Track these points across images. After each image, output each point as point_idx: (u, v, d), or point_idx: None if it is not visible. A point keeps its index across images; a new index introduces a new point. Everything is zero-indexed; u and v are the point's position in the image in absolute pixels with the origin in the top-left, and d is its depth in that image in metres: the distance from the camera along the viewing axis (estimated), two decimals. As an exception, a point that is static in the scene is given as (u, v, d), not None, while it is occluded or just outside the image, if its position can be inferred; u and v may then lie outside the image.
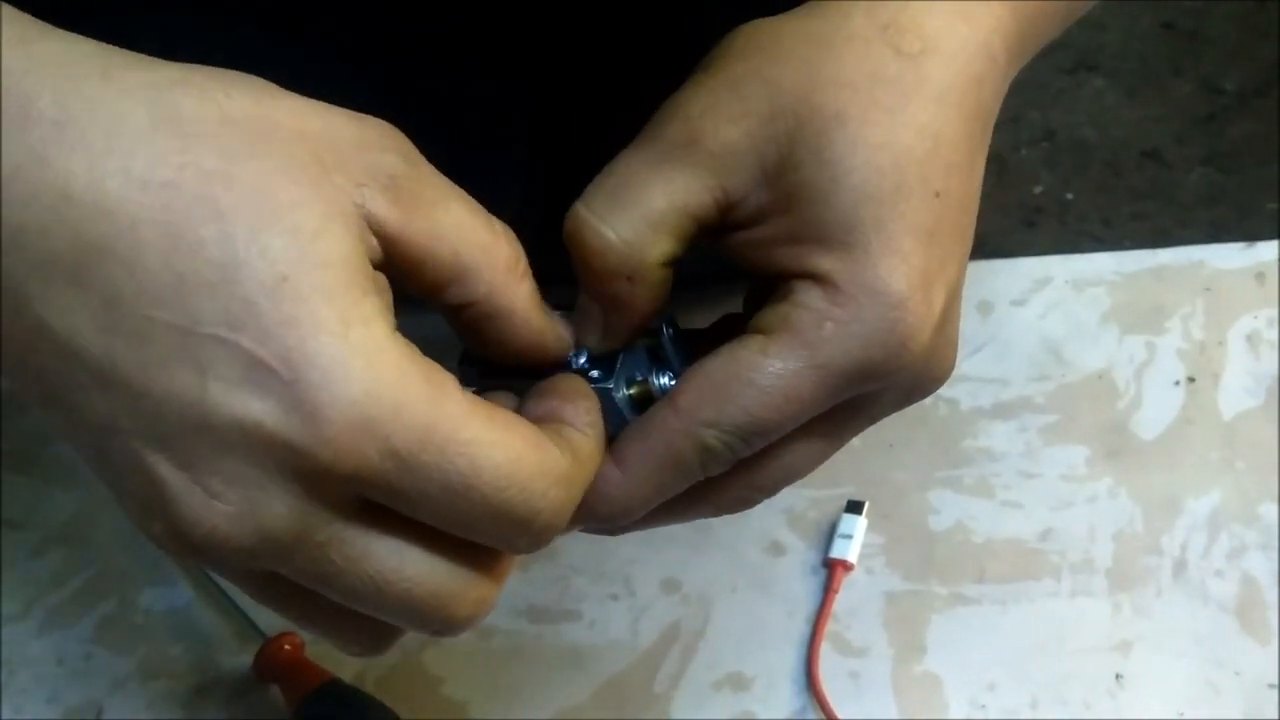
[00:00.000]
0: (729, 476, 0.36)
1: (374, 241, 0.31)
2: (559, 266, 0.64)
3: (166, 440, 0.29)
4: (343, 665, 0.55)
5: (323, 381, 0.28)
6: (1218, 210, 1.81)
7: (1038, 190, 1.85)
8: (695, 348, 0.37)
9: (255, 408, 0.28)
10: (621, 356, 0.37)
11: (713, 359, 0.35)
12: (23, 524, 0.61)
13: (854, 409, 0.36)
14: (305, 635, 0.56)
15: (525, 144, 0.54)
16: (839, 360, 0.34)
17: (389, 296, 0.31)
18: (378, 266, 0.31)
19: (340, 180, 0.30)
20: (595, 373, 0.37)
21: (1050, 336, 0.63)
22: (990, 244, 0.36)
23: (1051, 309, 0.64)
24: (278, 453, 0.29)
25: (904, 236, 0.34)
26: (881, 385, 0.35)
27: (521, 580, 0.58)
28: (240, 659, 0.56)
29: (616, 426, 0.36)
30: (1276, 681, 0.53)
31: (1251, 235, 0.67)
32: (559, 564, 0.58)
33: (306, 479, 0.29)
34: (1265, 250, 0.65)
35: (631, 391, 0.37)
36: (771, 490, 0.37)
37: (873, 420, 0.37)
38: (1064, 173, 1.87)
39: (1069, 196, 1.85)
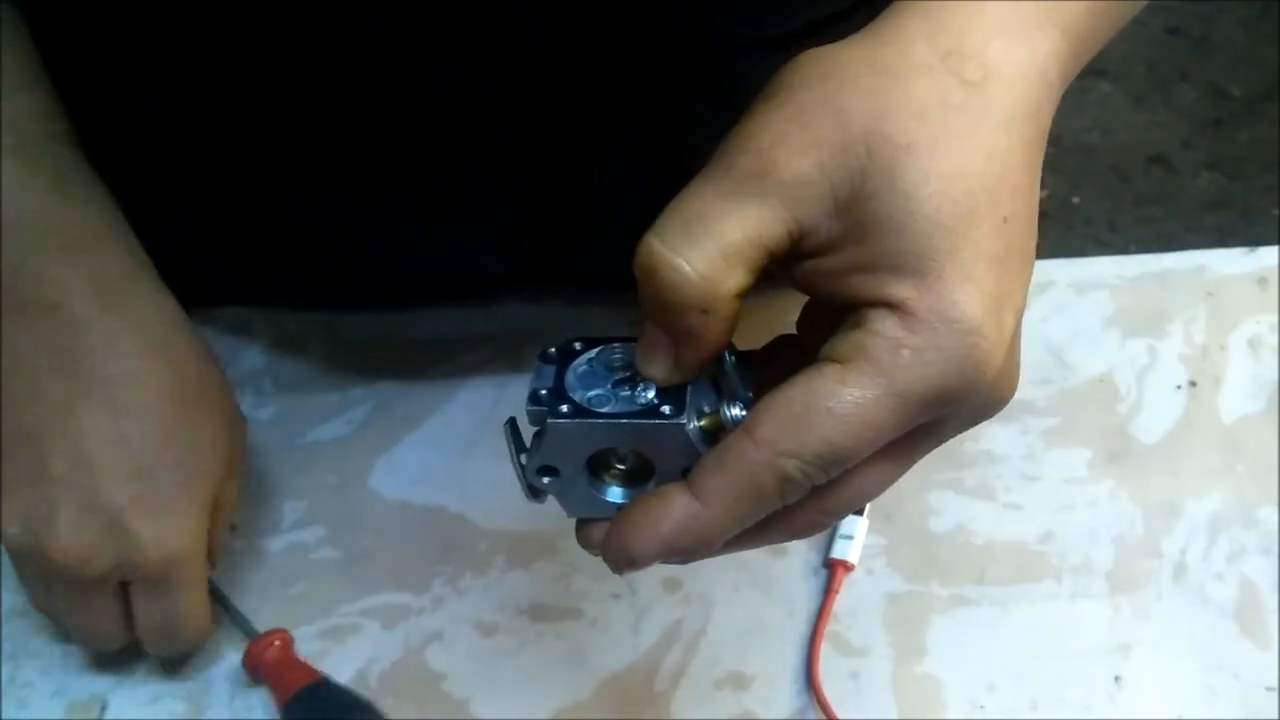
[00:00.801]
0: (802, 503, 0.36)
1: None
2: (557, 270, 0.64)
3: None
4: (341, 665, 0.55)
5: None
6: (1224, 215, 1.81)
7: (1043, 195, 1.85)
8: (753, 371, 0.37)
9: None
10: (689, 388, 0.37)
11: (789, 389, 0.35)
12: (29, 519, 0.61)
13: (924, 432, 0.36)
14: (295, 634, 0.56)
15: (526, 146, 0.55)
16: (917, 387, 0.34)
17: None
18: None
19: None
20: (665, 408, 0.37)
21: (1052, 340, 0.64)
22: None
23: (1054, 313, 0.65)
24: None
25: (976, 263, 0.34)
26: (954, 409, 0.35)
27: (524, 578, 0.58)
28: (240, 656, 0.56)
29: (689, 459, 0.37)
30: (1276, 684, 0.53)
31: (1257, 240, 0.67)
32: (561, 562, 0.58)
33: None
34: (1267, 255, 0.65)
35: (703, 424, 0.37)
36: (841, 514, 0.38)
37: (940, 442, 0.37)
38: (1070, 177, 1.87)
39: (1075, 201, 1.85)
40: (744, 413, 0.36)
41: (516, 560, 0.58)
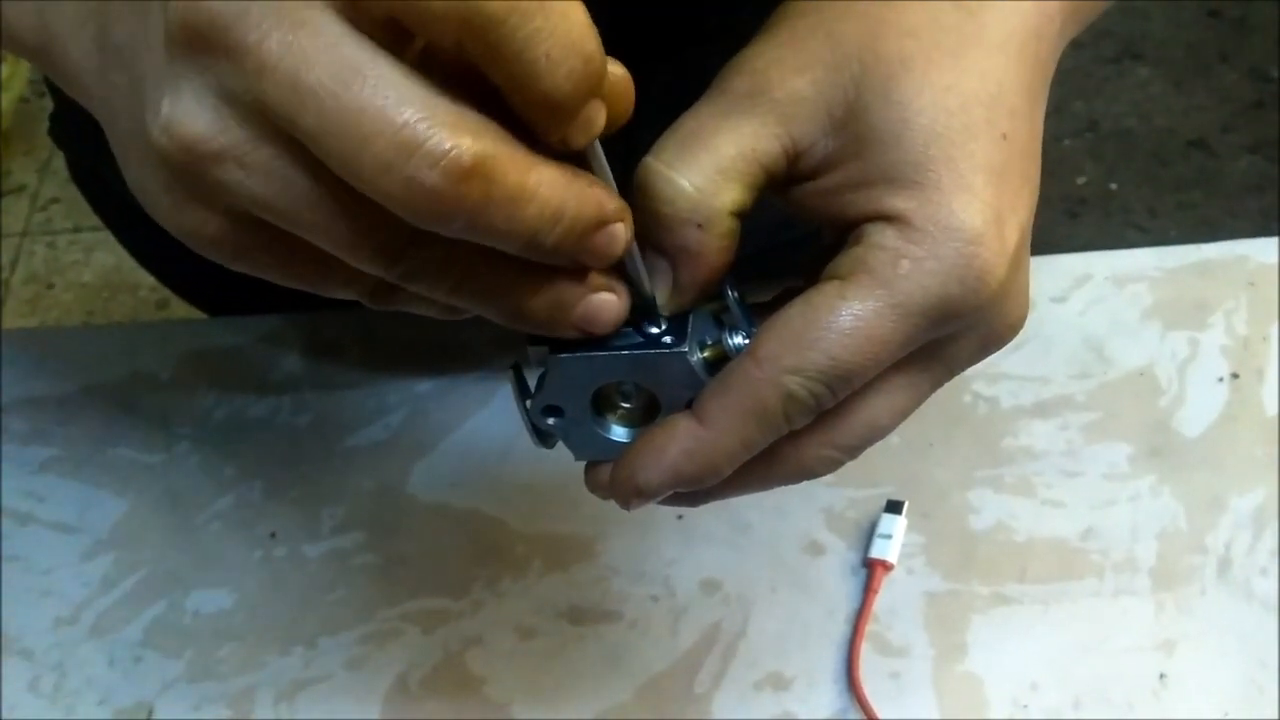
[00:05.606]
0: (812, 433, 0.36)
1: None
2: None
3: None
4: (381, 670, 0.56)
5: None
6: (1266, 199, 1.79)
7: (1081, 181, 1.84)
8: (758, 317, 0.37)
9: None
10: (691, 319, 0.37)
11: (790, 307, 0.35)
12: (74, 528, 0.62)
13: (932, 356, 0.36)
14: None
15: None
16: (918, 298, 0.34)
17: None
18: None
19: None
20: (667, 338, 0.37)
21: (1091, 333, 0.63)
22: (1033, 236, 0.37)
23: (1092, 305, 0.64)
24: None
25: (975, 174, 0.34)
26: (960, 325, 0.35)
27: (562, 581, 0.58)
28: (287, 660, 0.57)
29: (692, 390, 0.37)
30: (1323, 681, 0.53)
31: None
32: (599, 565, 0.58)
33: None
34: (1310, 244, 0.64)
35: (706, 354, 0.37)
36: (855, 449, 0.37)
37: (951, 372, 0.37)
38: (1108, 163, 1.85)
39: (1113, 187, 1.84)
40: (747, 341, 0.36)
41: (554, 563, 0.58)
